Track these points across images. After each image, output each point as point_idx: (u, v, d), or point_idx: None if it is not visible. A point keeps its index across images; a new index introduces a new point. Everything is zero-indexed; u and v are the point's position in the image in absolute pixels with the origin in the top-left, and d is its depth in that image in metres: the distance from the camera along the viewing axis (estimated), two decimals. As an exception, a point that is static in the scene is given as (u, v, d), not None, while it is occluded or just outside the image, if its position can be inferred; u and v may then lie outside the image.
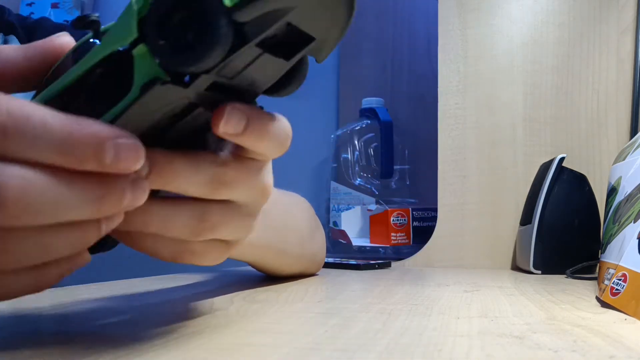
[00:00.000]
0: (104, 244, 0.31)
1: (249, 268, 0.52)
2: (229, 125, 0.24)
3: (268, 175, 0.30)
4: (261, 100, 0.27)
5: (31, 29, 0.58)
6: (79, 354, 0.23)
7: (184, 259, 0.28)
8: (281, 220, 0.48)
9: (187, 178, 0.25)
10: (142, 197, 0.23)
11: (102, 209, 0.22)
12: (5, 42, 0.55)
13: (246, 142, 0.26)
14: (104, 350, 0.24)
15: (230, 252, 0.31)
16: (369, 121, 0.94)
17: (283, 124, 0.28)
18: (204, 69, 0.21)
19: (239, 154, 0.27)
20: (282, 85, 0.27)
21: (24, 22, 0.59)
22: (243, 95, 0.26)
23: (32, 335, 0.27)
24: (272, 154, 0.28)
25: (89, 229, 0.23)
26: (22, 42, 0.56)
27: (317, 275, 0.59)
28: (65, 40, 0.27)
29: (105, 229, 0.24)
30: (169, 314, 0.34)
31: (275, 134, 0.27)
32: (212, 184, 0.26)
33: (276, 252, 0.48)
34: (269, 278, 0.55)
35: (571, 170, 0.66)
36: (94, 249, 0.28)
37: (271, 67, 0.24)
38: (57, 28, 0.58)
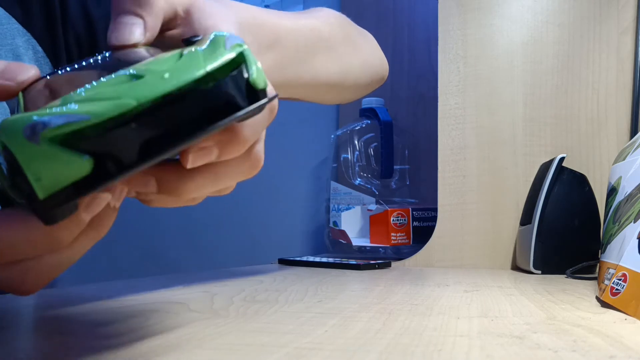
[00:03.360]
0: None
1: (249, 268, 0.52)
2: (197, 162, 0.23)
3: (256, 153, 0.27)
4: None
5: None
6: (79, 354, 0.23)
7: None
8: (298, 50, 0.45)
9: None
10: None
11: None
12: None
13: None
14: (103, 351, 0.24)
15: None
16: (369, 121, 0.94)
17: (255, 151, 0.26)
18: None
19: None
20: None
21: None
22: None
23: (32, 336, 0.27)
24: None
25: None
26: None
27: (318, 272, 0.59)
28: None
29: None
30: (168, 314, 0.34)
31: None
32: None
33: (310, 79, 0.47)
34: (269, 278, 0.55)
35: (571, 170, 0.66)
36: None
37: None
38: None
